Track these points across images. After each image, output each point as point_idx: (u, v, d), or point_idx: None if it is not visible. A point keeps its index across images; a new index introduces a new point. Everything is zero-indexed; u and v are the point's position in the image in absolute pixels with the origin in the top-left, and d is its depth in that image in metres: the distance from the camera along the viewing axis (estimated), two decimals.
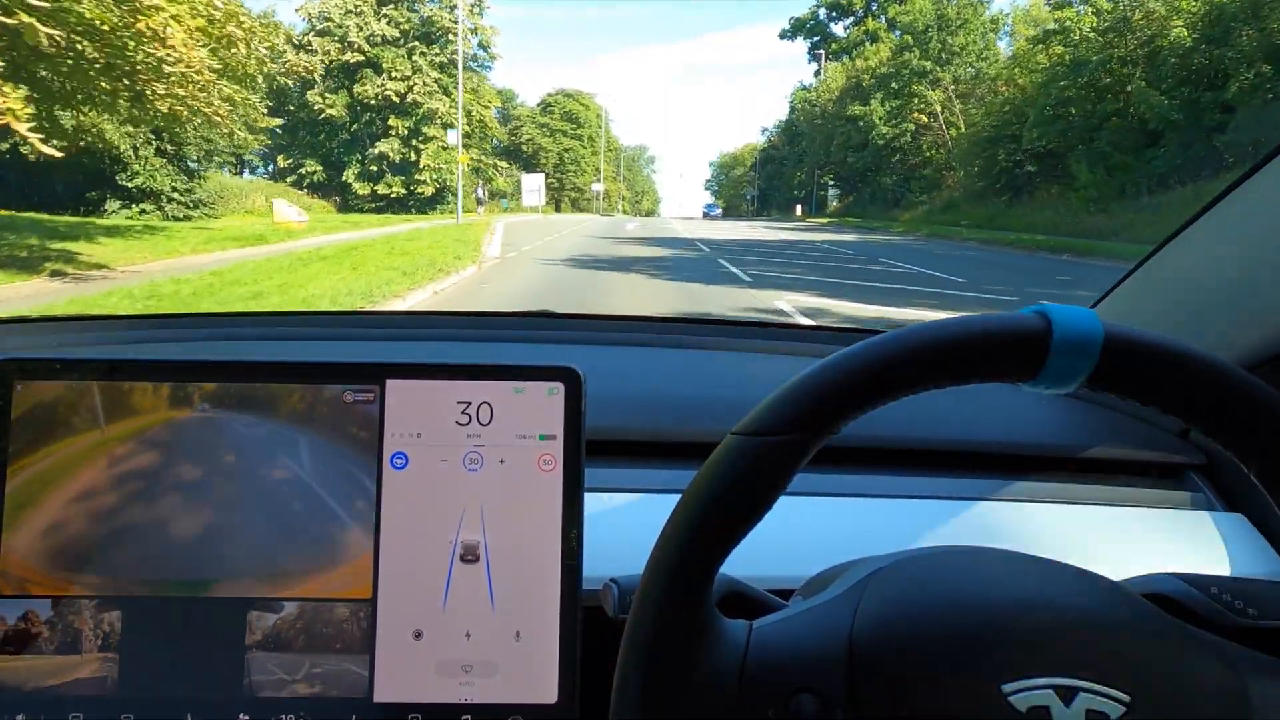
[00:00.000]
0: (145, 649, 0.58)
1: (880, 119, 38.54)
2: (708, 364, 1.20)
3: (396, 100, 43.91)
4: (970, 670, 0.48)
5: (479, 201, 34.14)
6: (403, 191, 44.26)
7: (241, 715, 0.58)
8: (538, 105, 71.39)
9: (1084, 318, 0.45)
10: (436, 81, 46.01)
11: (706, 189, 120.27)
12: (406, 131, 44.96)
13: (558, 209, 66.89)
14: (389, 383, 0.61)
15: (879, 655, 0.49)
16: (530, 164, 64.52)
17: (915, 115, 36.54)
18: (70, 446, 0.60)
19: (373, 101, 43.65)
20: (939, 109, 34.84)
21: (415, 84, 43.11)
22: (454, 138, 30.45)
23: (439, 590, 0.60)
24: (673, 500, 0.49)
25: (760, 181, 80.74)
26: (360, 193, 43.96)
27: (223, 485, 0.59)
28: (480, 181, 36.52)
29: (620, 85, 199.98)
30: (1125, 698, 0.47)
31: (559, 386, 0.62)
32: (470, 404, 0.62)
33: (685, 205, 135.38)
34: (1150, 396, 0.46)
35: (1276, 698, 0.48)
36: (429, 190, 44.89)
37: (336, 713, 0.58)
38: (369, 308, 7.40)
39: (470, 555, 0.60)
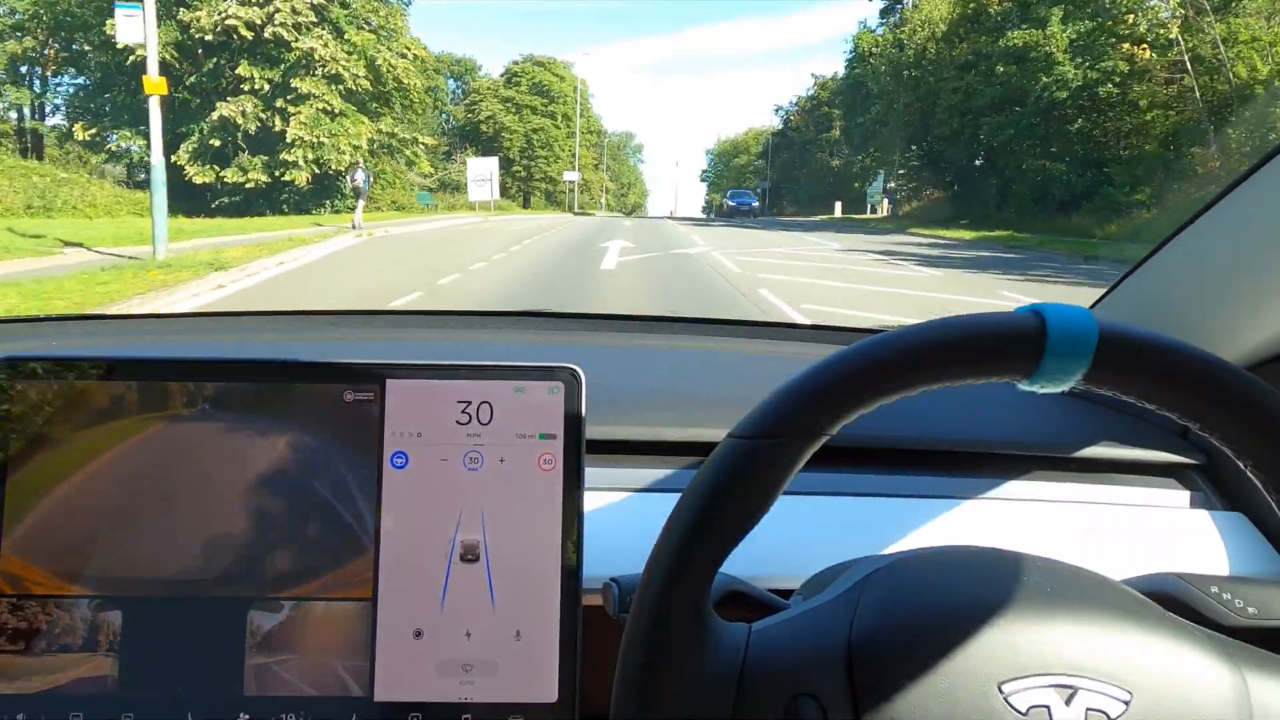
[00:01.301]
0: (145, 649, 0.67)
1: (1063, 52, 20.73)
2: (708, 364, 1.27)
3: (250, 36, 26.51)
4: (970, 670, 0.53)
5: (357, 194, 17.05)
6: (265, 179, 27.95)
7: (241, 715, 0.66)
8: (501, 76, 53.96)
9: (1079, 316, 0.48)
10: (315, 9, 27.70)
11: (702, 180, 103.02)
12: (268, 86, 26.92)
13: (526, 203, 51.51)
14: (389, 382, 0.70)
15: (878, 657, 0.54)
16: (490, 147, 47.00)
17: (1125, 47, 18.88)
18: (70, 446, 0.68)
19: (211, 38, 32.65)
20: (1176, 34, 17.27)
21: (280, 10, 26.51)
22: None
23: (439, 589, 0.68)
24: (673, 500, 0.57)
25: (772, 172, 63.62)
26: (197, 181, 27.78)
27: (223, 485, 0.69)
28: (358, 163, 18.85)
29: (603, 74, 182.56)
30: (1125, 696, 0.52)
31: (559, 385, 0.69)
32: (470, 403, 0.69)
33: (682, 199, 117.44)
34: (1146, 394, 0.49)
35: (1276, 696, 0.53)
36: (303, 176, 26.76)
37: (336, 712, 0.67)
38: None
39: (470, 554, 0.68)
